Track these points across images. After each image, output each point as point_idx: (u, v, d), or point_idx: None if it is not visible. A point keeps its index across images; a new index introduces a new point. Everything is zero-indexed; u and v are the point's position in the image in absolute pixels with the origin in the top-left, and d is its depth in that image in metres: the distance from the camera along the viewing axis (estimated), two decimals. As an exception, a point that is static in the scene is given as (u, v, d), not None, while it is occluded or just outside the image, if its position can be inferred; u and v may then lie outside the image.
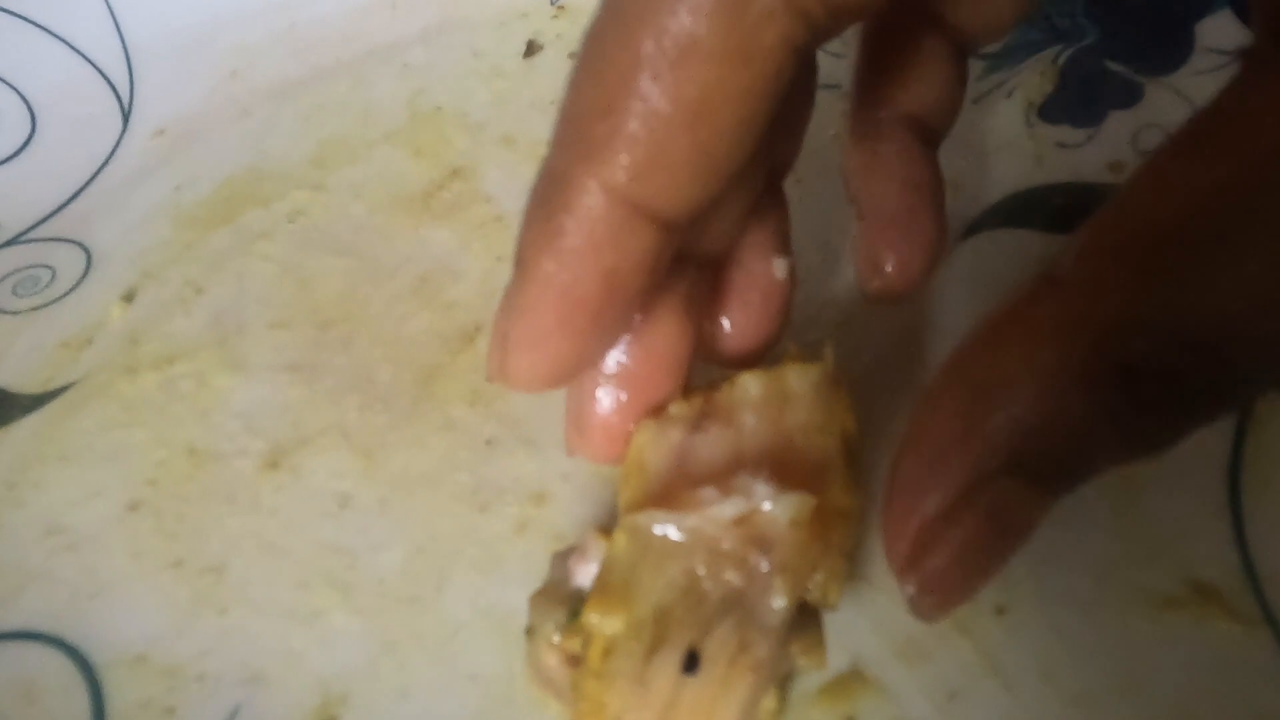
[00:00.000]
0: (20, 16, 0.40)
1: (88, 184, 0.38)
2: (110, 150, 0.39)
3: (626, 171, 0.16)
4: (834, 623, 0.23)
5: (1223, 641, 0.21)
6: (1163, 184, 0.15)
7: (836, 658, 0.22)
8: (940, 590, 0.17)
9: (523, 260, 0.17)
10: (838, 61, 0.28)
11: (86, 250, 0.35)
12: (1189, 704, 0.21)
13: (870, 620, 0.23)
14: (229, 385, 0.30)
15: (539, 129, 0.37)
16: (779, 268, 0.22)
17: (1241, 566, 0.22)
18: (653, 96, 0.15)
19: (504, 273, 0.32)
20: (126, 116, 0.40)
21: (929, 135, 0.24)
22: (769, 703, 0.20)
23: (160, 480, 0.27)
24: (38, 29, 0.40)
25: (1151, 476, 0.24)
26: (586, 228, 0.16)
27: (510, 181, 0.36)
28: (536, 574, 0.24)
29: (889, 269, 0.23)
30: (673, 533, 0.18)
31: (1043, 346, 0.16)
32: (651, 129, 0.16)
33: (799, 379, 0.20)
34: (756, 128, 0.16)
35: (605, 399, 0.20)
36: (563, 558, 0.22)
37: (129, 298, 0.33)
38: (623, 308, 0.18)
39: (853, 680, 0.22)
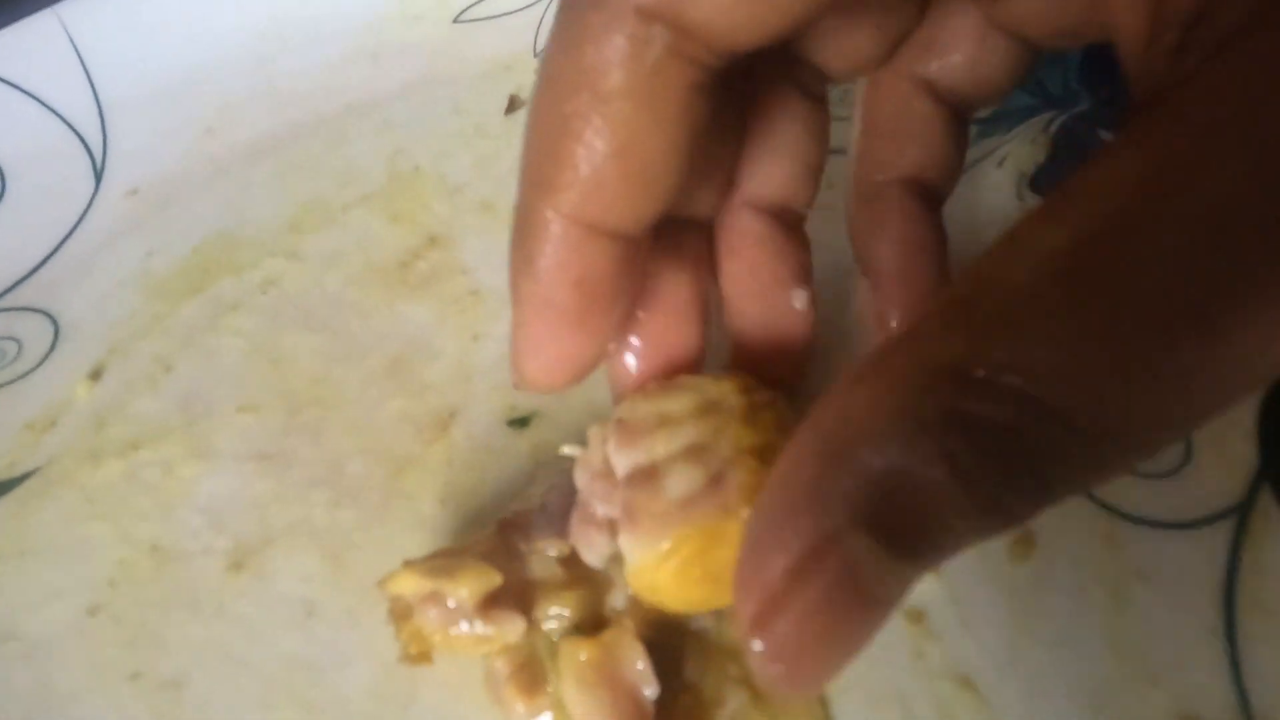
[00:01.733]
0: (-11, 74, 0.39)
1: (57, 248, 0.37)
2: (82, 212, 0.38)
3: (573, 200, 0.19)
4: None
5: (1217, 784, 0.21)
6: (1015, 243, 0.16)
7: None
8: (789, 659, 0.16)
9: (512, 284, 0.21)
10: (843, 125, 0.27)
11: (54, 321, 0.34)
12: None
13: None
14: (195, 475, 0.29)
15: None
16: (798, 299, 0.24)
17: (1237, 701, 0.21)
18: (586, 136, 0.19)
19: (480, 352, 0.32)
20: (99, 176, 0.39)
21: (930, 196, 0.25)
22: None
23: (121, 581, 0.27)
24: (7, 85, 0.39)
25: (1144, 594, 0.23)
26: (550, 249, 0.20)
27: (488, 251, 0.35)
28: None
29: (893, 324, 0.24)
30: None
31: (889, 393, 0.15)
32: (589, 163, 0.19)
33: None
34: (680, 153, 0.19)
35: (630, 359, 0.24)
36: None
37: (96, 375, 0.32)
38: (602, 309, 0.21)
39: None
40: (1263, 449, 0.25)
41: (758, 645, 0.16)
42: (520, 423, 0.29)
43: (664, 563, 0.20)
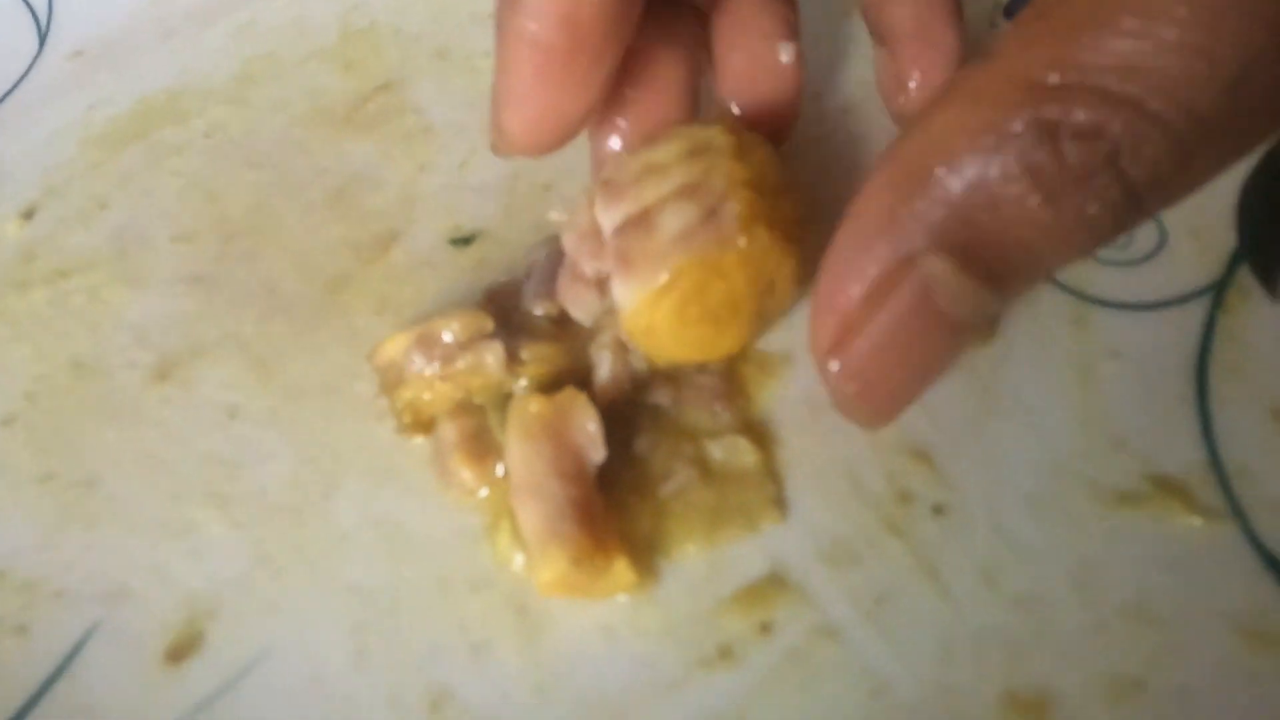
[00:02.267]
0: (-73, -70, 0.37)
1: (-3, 104, 0.35)
2: (23, 71, 0.37)
3: None
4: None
5: (1183, 537, 0.19)
6: None
7: (754, 562, 0.20)
8: (864, 379, 0.16)
9: (498, 22, 0.20)
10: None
11: (-12, 169, 0.33)
12: (1144, 602, 0.18)
13: (795, 523, 0.20)
14: (123, 299, 0.28)
15: (475, 41, 0.35)
16: (784, 52, 0.23)
17: (1207, 457, 0.20)
18: None
19: (427, 180, 0.31)
20: (43, 37, 0.38)
21: None
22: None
23: (38, 394, 0.25)
24: (-51, -54, 0.38)
25: (1114, 370, 0.22)
26: None
27: (442, 94, 0.33)
28: (428, 483, 0.22)
29: (912, 85, 0.23)
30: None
31: (968, 111, 0.15)
32: None
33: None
34: None
35: (615, 140, 0.22)
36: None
37: (28, 214, 0.31)
38: (590, 55, 0.19)
39: (771, 585, 0.19)
40: (1241, 230, 0.23)
41: (834, 365, 0.16)
42: (463, 241, 0.28)
43: (661, 299, 0.20)
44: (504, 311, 0.24)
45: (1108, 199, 0.14)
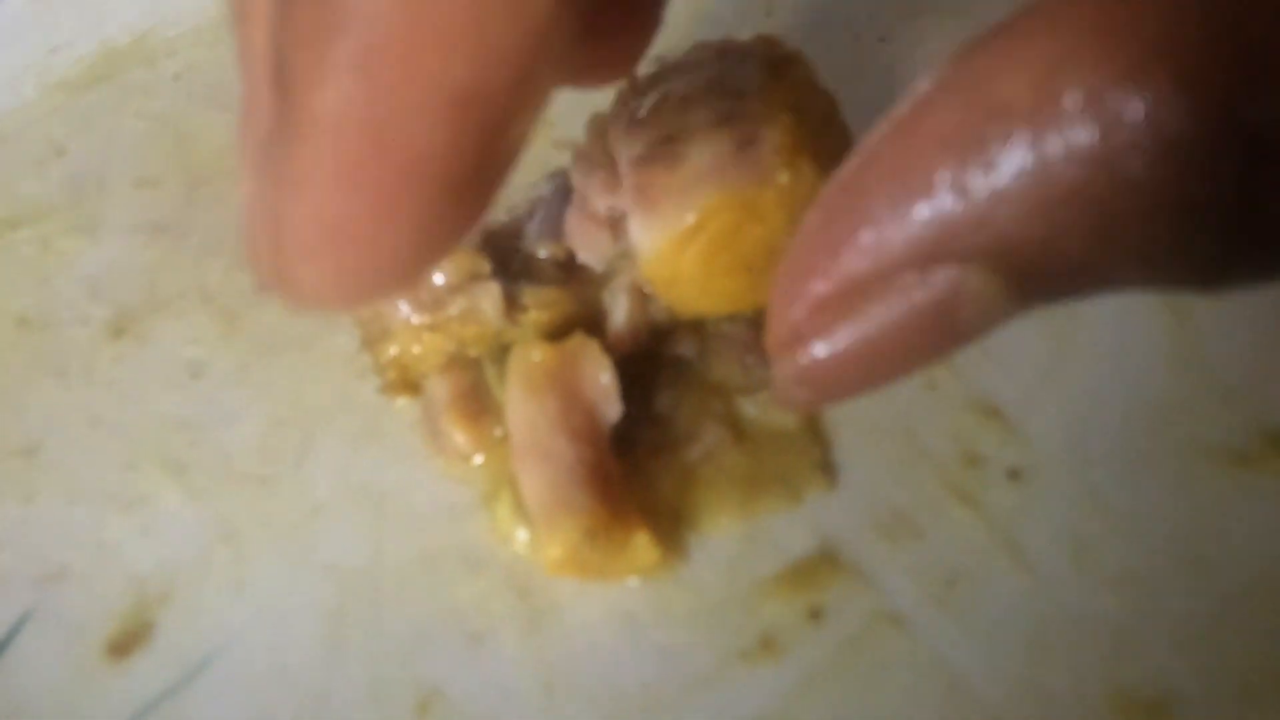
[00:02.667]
0: None
1: (-50, 47, 0.32)
2: (-20, 12, 0.34)
3: None
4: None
5: (1312, 503, 0.16)
6: None
7: (799, 538, 0.17)
8: (823, 380, 0.12)
9: (289, 91, 0.10)
10: None
11: (-64, 115, 0.30)
12: (1270, 581, 0.15)
13: (846, 493, 0.17)
14: (77, 248, 0.25)
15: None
16: None
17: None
18: None
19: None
20: (1, -22, 0.35)
21: None
22: None
23: (-22, 353, 0.22)
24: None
25: (1213, 312, 0.19)
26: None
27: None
28: (415, 449, 0.19)
29: None
30: None
31: (1072, 53, 0.10)
32: None
33: None
34: None
35: None
36: None
37: (-23, 162, 0.28)
38: (501, 160, 0.11)
39: (822, 565, 0.16)
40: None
41: (786, 368, 0.12)
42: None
43: (688, 243, 0.17)
44: (503, 254, 0.21)
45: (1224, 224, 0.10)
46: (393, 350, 0.20)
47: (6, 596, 0.18)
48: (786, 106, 0.17)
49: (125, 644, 0.17)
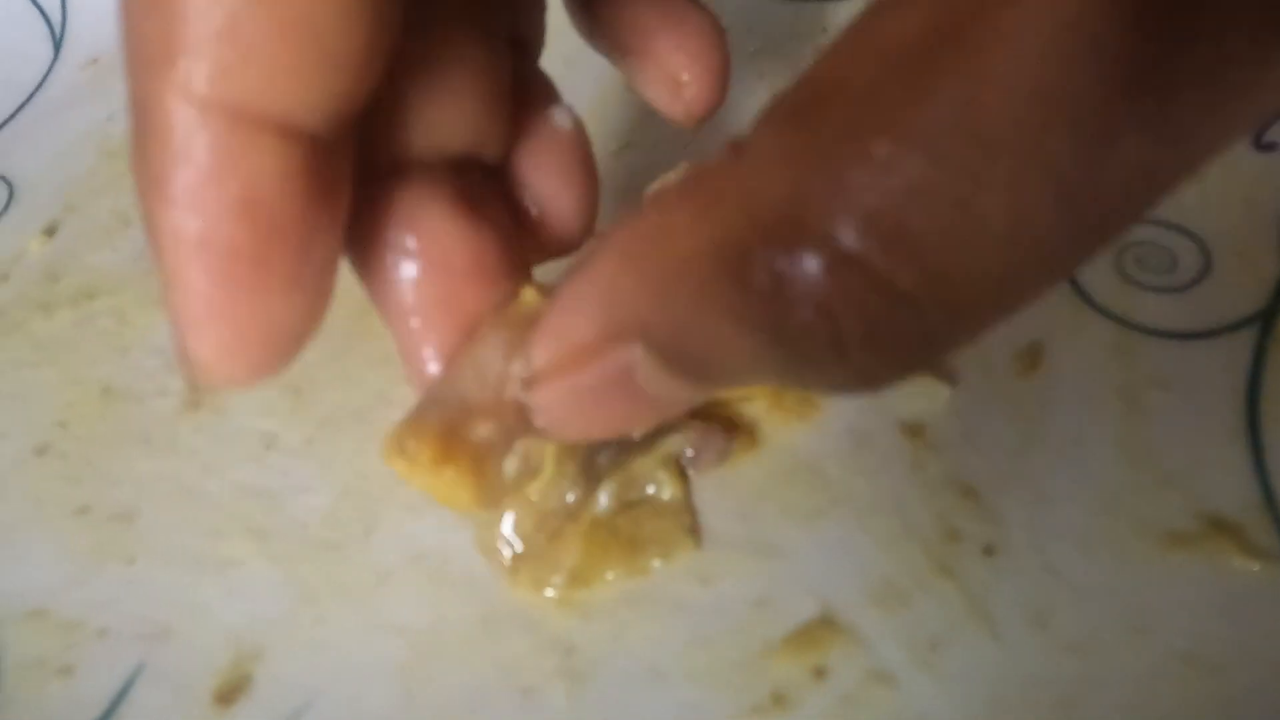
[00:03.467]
0: (-60, -63, 0.37)
1: (13, 115, 0.35)
2: (39, 80, 0.36)
3: (206, 76, 0.12)
4: (802, 567, 0.20)
5: (1239, 580, 0.19)
6: (853, 41, 0.12)
7: (804, 605, 0.20)
8: (556, 416, 0.16)
9: (148, 225, 0.14)
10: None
11: (8, 183, 0.32)
12: (1201, 650, 0.18)
13: (843, 564, 0.20)
14: (151, 322, 0.27)
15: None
16: (560, 117, 0.19)
17: (1261, 497, 0.20)
18: None
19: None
20: (58, 45, 0.37)
21: None
22: None
23: (70, 422, 0.25)
24: (-40, -48, 0.37)
25: (1161, 401, 0.22)
26: (189, 157, 0.13)
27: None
28: (471, 519, 0.22)
29: (686, 79, 0.20)
30: None
31: (699, 219, 0.13)
32: (220, 15, 0.12)
33: None
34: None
35: (425, 348, 0.17)
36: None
37: (50, 231, 0.30)
38: (294, 245, 0.14)
39: (823, 628, 0.19)
40: (1289, 255, 0.23)
41: (533, 398, 0.16)
42: (494, 262, 0.28)
43: None
44: None
45: (826, 357, 0.12)
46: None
47: (119, 652, 0.21)
48: None
49: (229, 695, 0.20)
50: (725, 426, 0.22)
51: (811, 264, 0.11)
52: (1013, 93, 0.11)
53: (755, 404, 0.23)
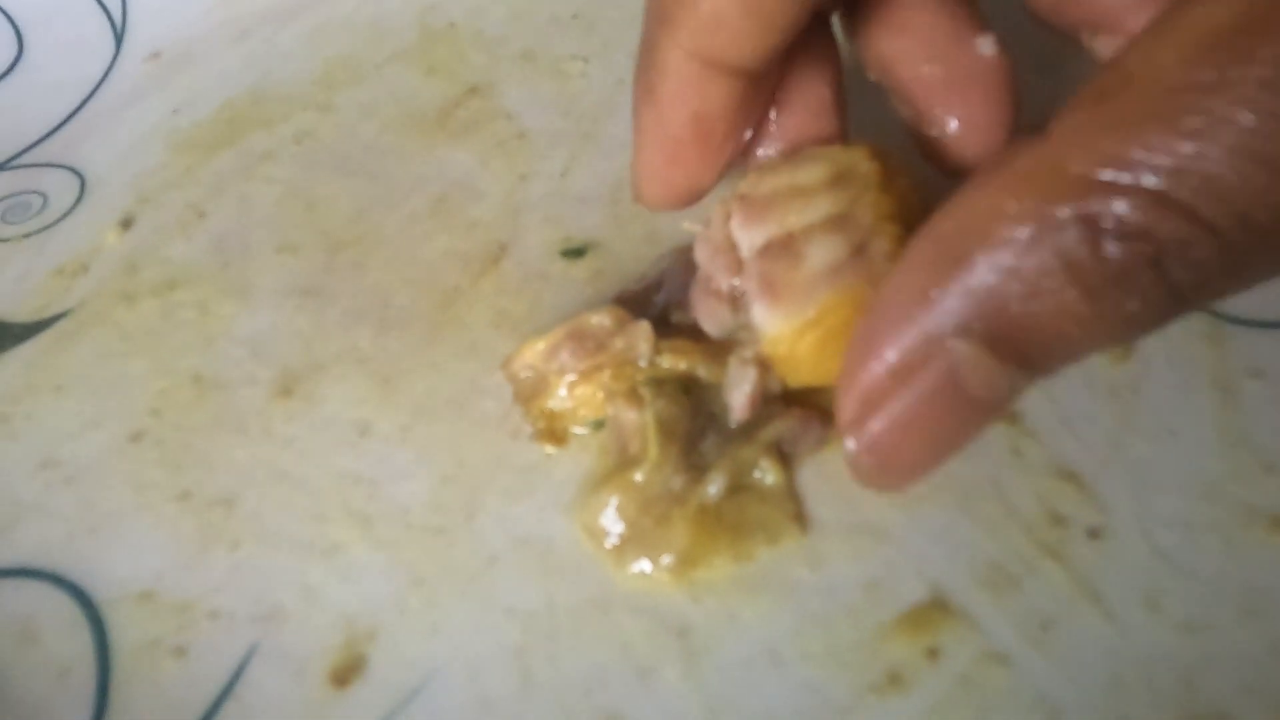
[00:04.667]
0: (3, -69, 0.37)
1: (79, 108, 0.35)
2: (103, 73, 0.36)
3: (692, 34, 0.19)
4: (908, 550, 0.21)
5: (1348, 562, 0.19)
6: (1167, 25, 0.14)
7: (914, 587, 0.20)
8: (882, 456, 0.17)
9: (635, 112, 0.21)
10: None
11: (80, 175, 0.32)
12: (1314, 629, 0.18)
13: (948, 547, 0.21)
14: (234, 312, 0.28)
15: (559, 44, 0.35)
16: (984, 45, 0.21)
17: (1362, 483, 0.20)
18: None
19: (529, 189, 0.30)
20: (119, 38, 0.37)
21: None
22: None
23: (163, 410, 0.25)
24: (22, -54, 0.37)
25: (1255, 390, 0.22)
26: (669, 82, 0.20)
27: (532, 97, 0.33)
28: (572, 502, 0.22)
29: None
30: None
31: (1011, 197, 0.15)
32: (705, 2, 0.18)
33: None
34: None
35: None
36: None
37: (126, 223, 0.31)
38: (717, 142, 0.21)
39: (934, 610, 0.20)
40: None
41: (850, 444, 0.17)
42: (575, 253, 0.28)
43: (807, 332, 0.20)
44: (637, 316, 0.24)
45: (1150, 298, 0.14)
46: (544, 403, 0.23)
47: (232, 633, 0.21)
48: (893, 218, 0.20)
49: (344, 675, 0.20)
50: (822, 415, 0.22)
51: (1139, 213, 0.14)
52: None
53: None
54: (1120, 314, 0.14)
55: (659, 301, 0.25)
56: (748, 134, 0.22)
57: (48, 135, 0.34)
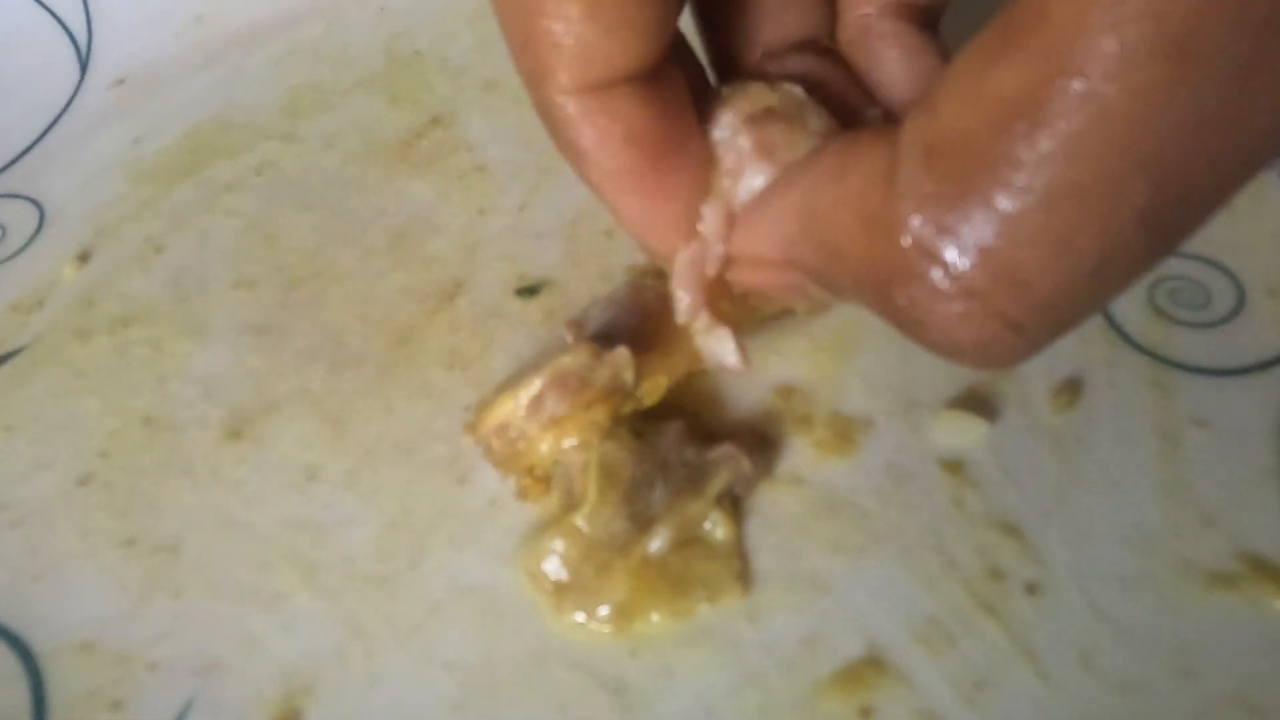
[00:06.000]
0: (-34, -44, 0.37)
1: (41, 136, 0.35)
2: (66, 101, 0.36)
3: (571, 74, 0.18)
4: (848, 604, 0.21)
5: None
6: (965, 91, 0.14)
7: (851, 643, 0.20)
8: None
9: (584, 180, 0.21)
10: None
11: (39, 206, 0.32)
12: (1247, 692, 0.18)
13: (887, 601, 0.21)
14: (188, 350, 0.28)
15: (524, 73, 0.35)
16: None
17: (1299, 537, 0.20)
18: (550, 10, 0.18)
19: (487, 225, 0.30)
20: (84, 65, 0.37)
21: (925, 17, 0.22)
22: None
23: (112, 452, 0.25)
24: (-14, -29, 0.37)
25: (1198, 439, 0.22)
26: (584, 128, 0.19)
27: (494, 129, 0.33)
28: (515, 549, 0.22)
29: None
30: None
31: (846, 186, 0.16)
32: (568, 35, 0.18)
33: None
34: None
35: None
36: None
37: (84, 257, 0.31)
38: (672, 149, 0.20)
39: (868, 668, 0.20)
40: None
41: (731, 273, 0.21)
42: (529, 291, 0.28)
43: None
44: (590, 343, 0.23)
45: (931, 344, 0.16)
46: (530, 461, 0.23)
47: (170, 686, 0.21)
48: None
49: (281, 731, 0.20)
50: (747, 444, 0.23)
51: (937, 285, 0.15)
52: (1100, 147, 0.13)
53: (794, 442, 0.23)
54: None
55: (600, 320, 0.24)
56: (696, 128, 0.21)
57: (10, 164, 0.34)
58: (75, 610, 0.22)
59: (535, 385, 0.22)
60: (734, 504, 0.22)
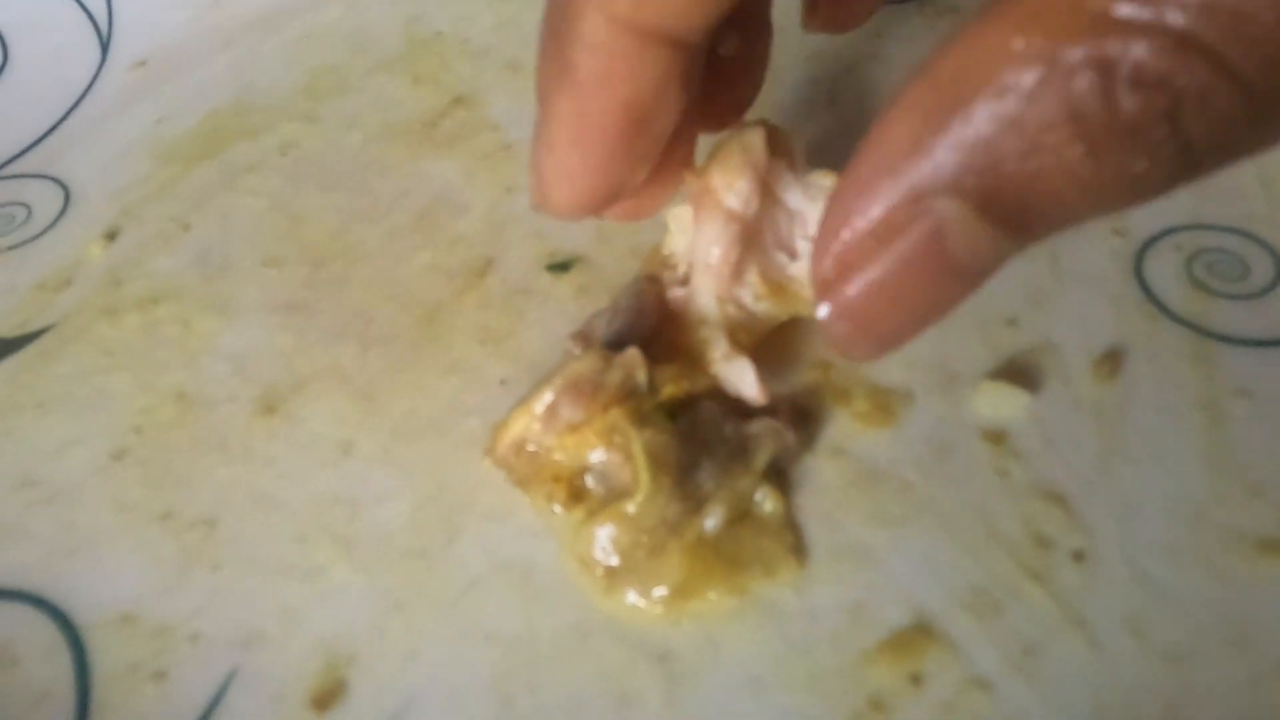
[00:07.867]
0: (-13, -61, 0.37)
1: (64, 118, 0.35)
2: (88, 83, 0.36)
3: (630, 2, 0.16)
4: (893, 574, 0.21)
5: (1332, 588, 0.19)
6: None
7: (897, 611, 0.20)
8: (858, 321, 0.15)
9: (541, 96, 0.18)
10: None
11: (64, 187, 0.32)
12: (1299, 657, 0.18)
13: (933, 571, 0.20)
14: (216, 328, 0.27)
15: (548, 54, 0.34)
16: None
17: (1348, 505, 0.20)
18: None
19: (515, 203, 0.30)
20: (105, 47, 0.37)
21: None
22: None
23: (145, 428, 0.25)
24: (7, -46, 0.37)
25: (1242, 410, 0.22)
26: (594, 59, 0.16)
27: (518, 108, 0.33)
28: (551, 526, 0.22)
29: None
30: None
31: (1020, 34, 0.13)
32: None
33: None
34: None
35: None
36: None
37: (110, 236, 0.30)
38: (651, 134, 0.18)
39: (916, 636, 0.19)
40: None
41: (824, 310, 0.15)
42: (561, 268, 0.28)
43: None
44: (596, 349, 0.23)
45: (1160, 158, 0.13)
46: (553, 473, 0.22)
47: (212, 657, 0.21)
48: None
49: (324, 700, 0.20)
50: (786, 417, 0.22)
51: (1158, 56, 0.12)
52: None
53: (833, 414, 0.23)
54: (1125, 176, 0.13)
55: (607, 330, 0.24)
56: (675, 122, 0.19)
57: (33, 145, 0.34)
58: (114, 584, 0.22)
59: (547, 395, 0.22)
60: (779, 477, 0.22)
